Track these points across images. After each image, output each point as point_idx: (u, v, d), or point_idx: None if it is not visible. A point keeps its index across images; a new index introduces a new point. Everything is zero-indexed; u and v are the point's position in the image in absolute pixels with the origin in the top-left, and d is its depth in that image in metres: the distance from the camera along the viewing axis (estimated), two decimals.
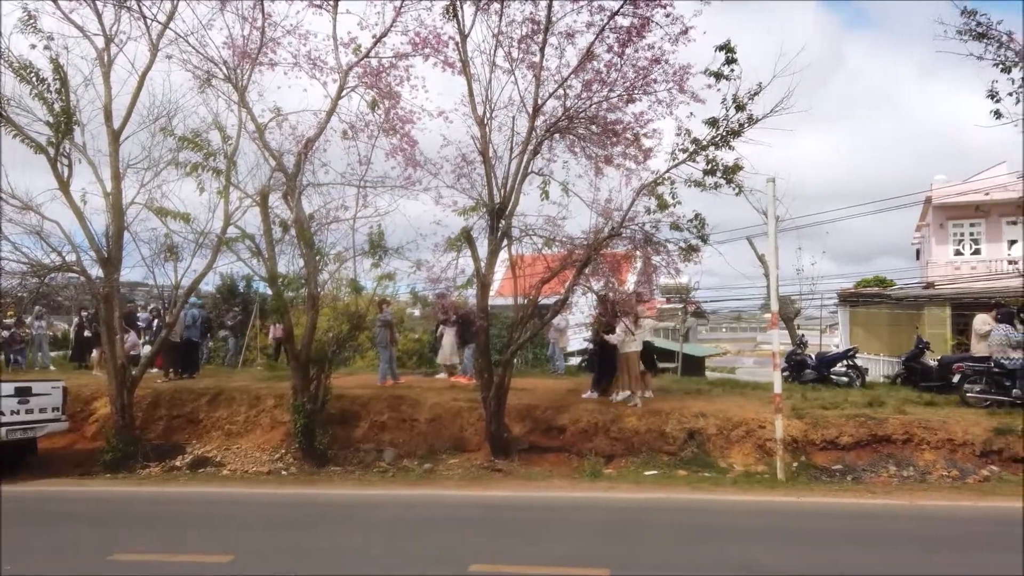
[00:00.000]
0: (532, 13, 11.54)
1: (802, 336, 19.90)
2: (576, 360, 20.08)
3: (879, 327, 26.24)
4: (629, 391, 13.17)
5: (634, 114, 11.91)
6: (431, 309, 16.80)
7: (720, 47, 11.13)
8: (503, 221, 12.06)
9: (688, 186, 11.96)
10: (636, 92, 11.69)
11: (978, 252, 28.69)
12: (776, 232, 11.53)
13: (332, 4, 12.25)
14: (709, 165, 11.83)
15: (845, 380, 15.87)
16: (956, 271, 27.59)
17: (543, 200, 12.44)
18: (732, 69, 11.17)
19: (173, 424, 13.94)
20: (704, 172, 11.89)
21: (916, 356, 15.82)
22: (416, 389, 14.52)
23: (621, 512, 9.30)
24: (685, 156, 11.86)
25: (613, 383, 13.58)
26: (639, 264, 13.39)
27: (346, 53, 12.43)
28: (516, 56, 11.79)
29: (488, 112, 11.94)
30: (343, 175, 12.92)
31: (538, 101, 11.80)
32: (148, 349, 16.05)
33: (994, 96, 10.44)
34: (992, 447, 10.96)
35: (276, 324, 18.77)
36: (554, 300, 13.06)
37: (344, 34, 12.37)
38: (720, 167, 11.81)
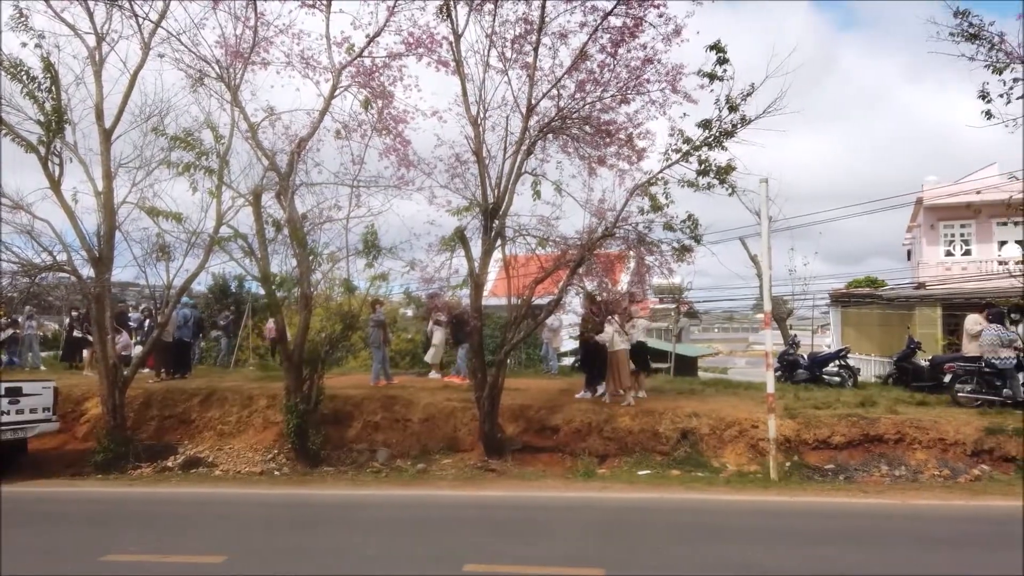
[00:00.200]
0: (525, 13, 11.54)
1: (794, 336, 19.95)
2: (569, 360, 20.09)
3: (870, 327, 26.36)
4: (613, 387, 13.23)
5: (627, 114, 11.97)
6: (423, 309, 16.83)
7: (711, 47, 11.15)
8: (497, 221, 12.05)
9: (681, 186, 12.00)
10: (629, 92, 11.72)
11: (968, 253, 28.84)
12: (769, 232, 11.56)
13: (325, 3, 12.23)
14: (702, 166, 11.85)
15: (837, 380, 15.94)
16: (947, 272, 27.73)
17: (535, 200, 12.47)
18: (724, 70, 11.20)
19: (165, 424, 13.88)
20: (697, 173, 11.91)
21: (908, 356, 15.92)
22: (409, 389, 14.50)
23: (615, 512, 9.30)
24: (678, 156, 11.89)
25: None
26: (632, 264, 13.41)
27: (339, 52, 12.45)
28: (510, 56, 11.80)
29: (482, 112, 11.94)
30: (336, 175, 12.94)
31: (532, 101, 11.80)
32: (139, 349, 15.97)
33: (986, 97, 10.49)
34: (983, 446, 11.03)
35: (272, 323, 18.73)
36: (548, 300, 13.08)
37: (337, 33, 12.46)
38: (713, 168, 11.83)
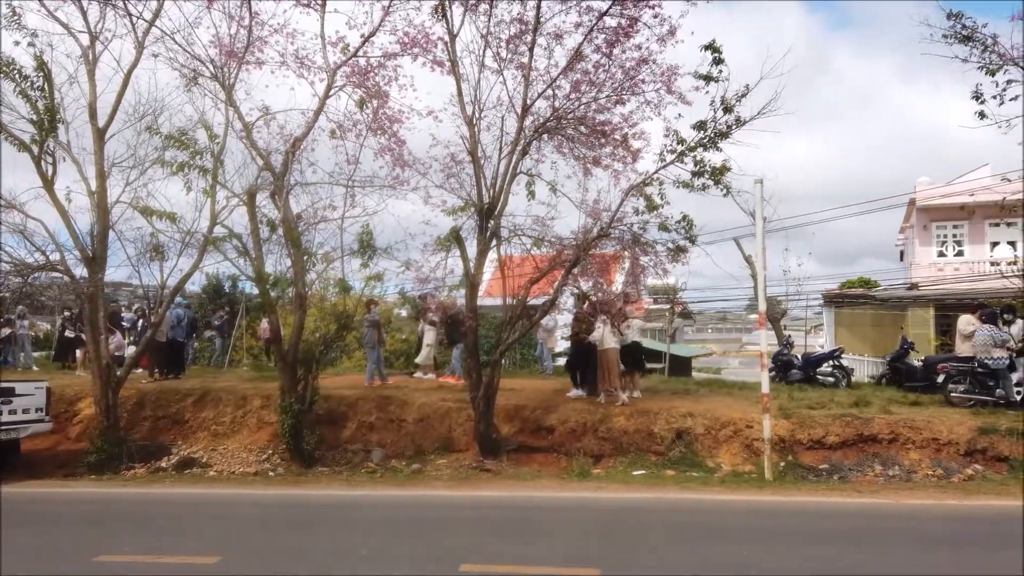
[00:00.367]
0: (520, 13, 11.54)
1: (788, 336, 20.03)
2: (564, 360, 20.07)
3: (863, 328, 26.46)
4: (605, 386, 13.24)
5: (622, 115, 11.97)
6: (414, 309, 16.83)
7: (706, 46, 11.17)
8: (492, 221, 12.05)
9: (677, 187, 12.02)
10: (624, 93, 11.73)
11: (961, 254, 28.96)
12: (764, 233, 11.58)
13: (320, 3, 12.20)
14: (697, 166, 11.87)
15: (831, 380, 15.98)
16: (940, 272, 27.84)
17: (529, 200, 12.47)
18: (720, 70, 11.22)
19: (158, 425, 13.83)
20: (692, 174, 11.93)
21: (901, 356, 15.98)
22: (404, 389, 14.49)
23: (611, 512, 9.31)
24: (673, 157, 11.91)
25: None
26: (627, 264, 13.43)
27: (334, 52, 12.41)
28: (505, 56, 11.80)
29: (477, 112, 11.94)
30: (331, 174, 12.89)
31: (527, 101, 11.80)
32: (133, 350, 15.91)
33: (979, 98, 10.55)
34: (976, 446, 11.07)
35: (266, 323, 18.69)
36: (543, 300, 13.08)
37: (332, 33, 12.36)
38: (708, 168, 11.85)
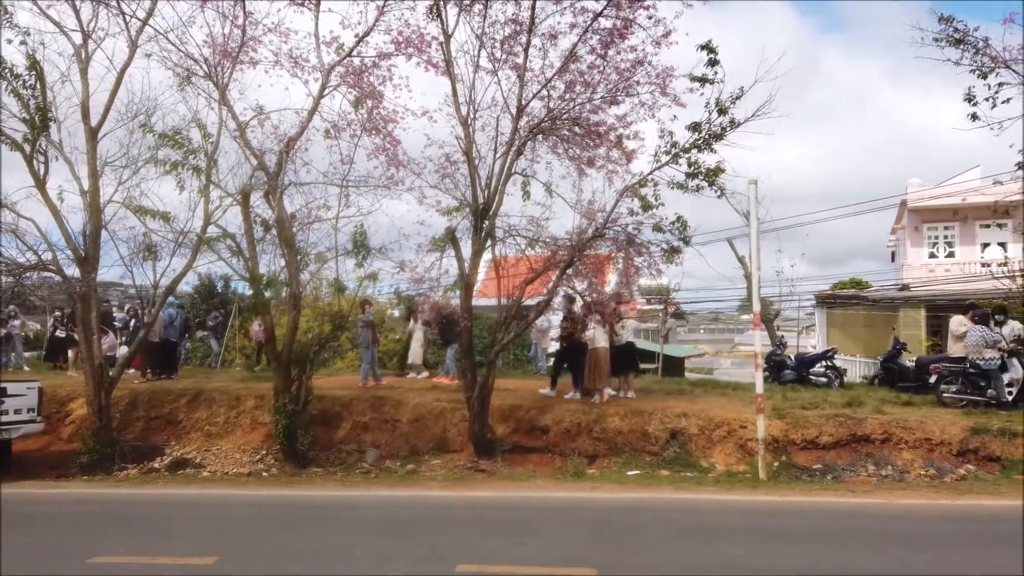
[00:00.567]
0: (515, 14, 11.54)
1: (782, 337, 20.09)
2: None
3: (855, 328, 26.59)
4: (590, 384, 13.28)
5: (617, 116, 11.99)
6: (404, 309, 16.82)
7: (702, 47, 11.19)
8: (487, 221, 12.05)
9: (671, 188, 12.03)
10: (619, 94, 11.75)
11: (952, 255, 29.14)
12: (758, 233, 11.62)
13: (314, 3, 12.17)
14: (692, 168, 11.89)
15: (824, 380, 16.06)
16: (931, 273, 28.00)
17: (525, 200, 12.48)
18: (715, 71, 11.25)
19: (151, 425, 13.78)
20: (687, 175, 11.95)
21: (893, 357, 16.06)
22: (398, 390, 14.48)
23: (606, 512, 9.32)
24: (668, 159, 11.93)
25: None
26: (620, 264, 13.44)
27: (328, 52, 12.41)
28: (499, 57, 11.80)
29: (472, 112, 11.94)
30: (325, 174, 12.91)
31: (521, 102, 11.81)
32: (125, 350, 15.84)
33: (972, 100, 10.62)
34: (968, 446, 11.14)
35: (258, 325, 18.65)
36: (537, 301, 13.09)
37: (326, 33, 12.37)
38: (702, 170, 11.88)
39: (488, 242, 12.31)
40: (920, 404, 12.99)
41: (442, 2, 11.64)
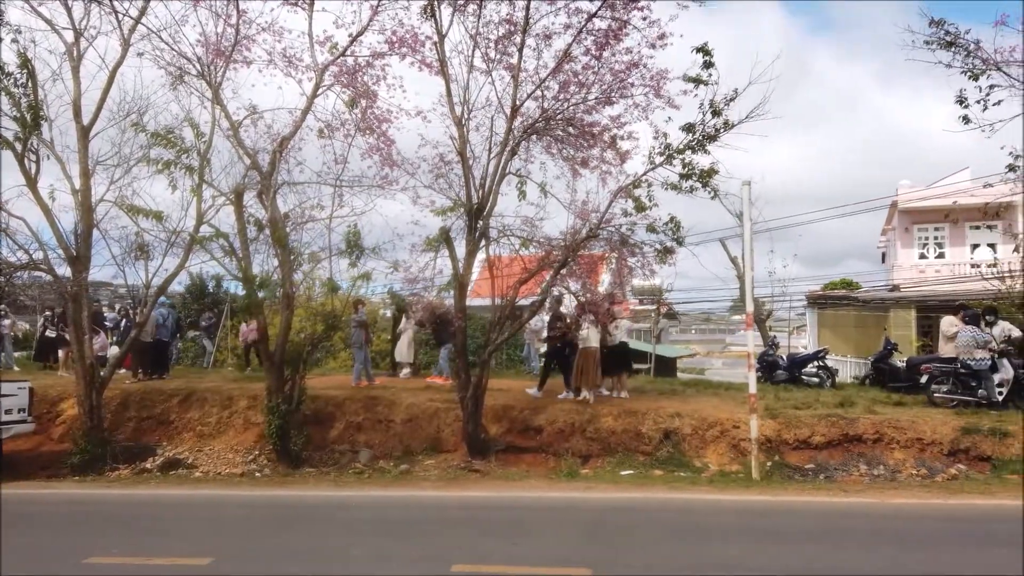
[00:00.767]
0: (509, 14, 11.55)
1: (774, 337, 20.19)
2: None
3: (846, 329, 26.72)
4: (577, 383, 13.34)
5: (611, 117, 12.01)
6: (397, 308, 16.78)
7: (698, 49, 11.23)
8: (481, 222, 12.06)
9: (665, 189, 12.07)
10: (613, 94, 11.76)
11: (942, 256, 29.33)
12: (751, 234, 11.67)
13: (307, 2, 12.15)
14: (685, 169, 11.93)
15: (816, 381, 16.15)
16: (921, 274, 28.17)
17: (520, 200, 12.50)
18: (710, 73, 11.29)
19: (143, 425, 13.72)
20: (681, 176, 11.99)
21: (884, 357, 16.16)
22: (391, 390, 14.46)
23: (600, 512, 9.34)
24: (662, 160, 11.97)
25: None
26: (613, 264, 13.47)
27: (322, 51, 12.36)
28: (494, 57, 11.80)
29: (466, 112, 11.94)
30: (319, 174, 12.86)
31: (516, 102, 11.81)
32: (116, 350, 15.76)
33: (963, 102, 10.69)
34: (959, 446, 11.22)
35: (246, 324, 18.59)
36: (531, 301, 13.10)
37: (320, 32, 12.32)
38: (696, 171, 11.92)
39: (482, 242, 12.32)
40: (911, 404, 13.07)
41: (436, 2, 11.62)
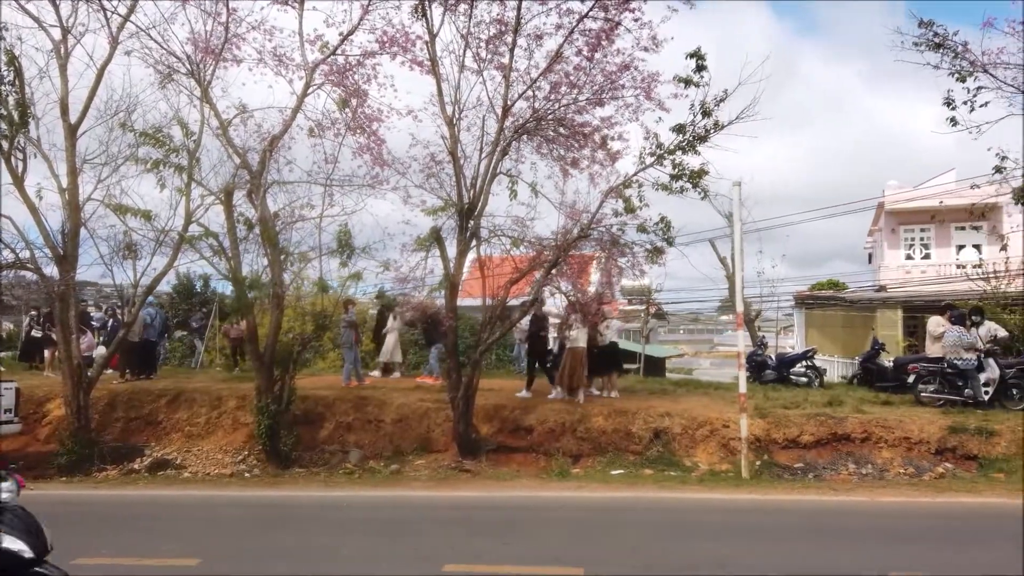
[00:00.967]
0: (500, 14, 11.55)
1: (763, 337, 20.28)
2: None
3: (834, 329, 26.84)
4: (561, 382, 13.37)
5: (602, 118, 12.02)
6: (385, 307, 16.71)
7: (691, 54, 11.27)
8: (472, 221, 12.04)
9: (655, 189, 12.10)
10: (604, 95, 11.78)
11: (928, 256, 29.57)
12: (741, 234, 11.72)
13: (298, 0, 12.11)
14: (676, 169, 11.96)
15: (804, 380, 16.24)
16: (907, 275, 28.38)
17: (512, 200, 12.49)
18: (701, 76, 11.32)
19: (131, 426, 13.63)
20: (671, 176, 12.01)
21: (872, 357, 16.27)
22: (382, 390, 14.42)
23: (592, 511, 9.36)
24: (652, 160, 11.99)
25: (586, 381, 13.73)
26: (603, 264, 13.50)
27: (312, 50, 12.34)
28: (485, 57, 11.80)
29: (457, 112, 11.93)
30: (309, 173, 12.83)
31: (507, 102, 11.81)
32: (103, 350, 15.63)
33: (951, 104, 10.78)
34: (946, 445, 11.32)
35: (234, 324, 18.50)
36: (521, 301, 13.10)
37: (310, 31, 12.31)
38: (687, 171, 11.95)
39: (473, 242, 12.30)
40: (899, 404, 13.17)
41: (427, 1, 11.61)
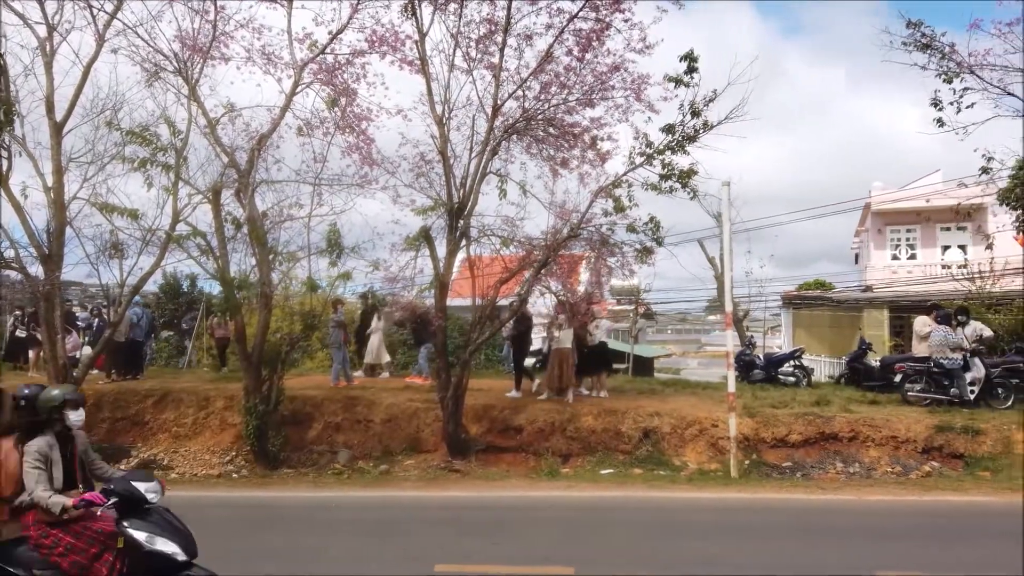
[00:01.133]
0: (490, 14, 11.53)
1: (751, 337, 20.36)
2: (530, 361, 20.06)
3: (821, 329, 26.98)
4: (547, 382, 13.39)
5: (591, 118, 12.02)
6: (369, 307, 16.64)
7: (684, 56, 11.29)
8: (462, 221, 12.02)
9: (645, 189, 12.11)
10: (594, 95, 11.78)
11: (914, 257, 29.78)
12: (730, 235, 11.77)
13: None
14: (665, 169, 11.99)
15: (792, 380, 16.31)
16: (893, 275, 28.57)
17: (501, 199, 12.48)
18: (692, 77, 11.34)
19: (117, 427, 13.49)
20: (660, 176, 12.04)
21: (859, 357, 16.36)
22: (371, 390, 14.36)
23: (582, 510, 9.38)
24: (642, 160, 12.01)
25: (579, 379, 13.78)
26: (592, 264, 13.51)
27: (301, 49, 12.27)
28: (475, 56, 11.78)
29: (447, 111, 11.89)
30: (298, 172, 12.73)
31: (497, 101, 11.79)
32: (88, 350, 15.49)
33: (938, 105, 10.86)
34: (933, 444, 11.41)
35: (219, 324, 18.35)
36: (511, 301, 13.09)
37: (299, 29, 12.23)
38: (676, 171, 11.98)
39: (463, 241, 12.28)
40: (886, 403, 13.25)
41: (417, 1, 11.58)
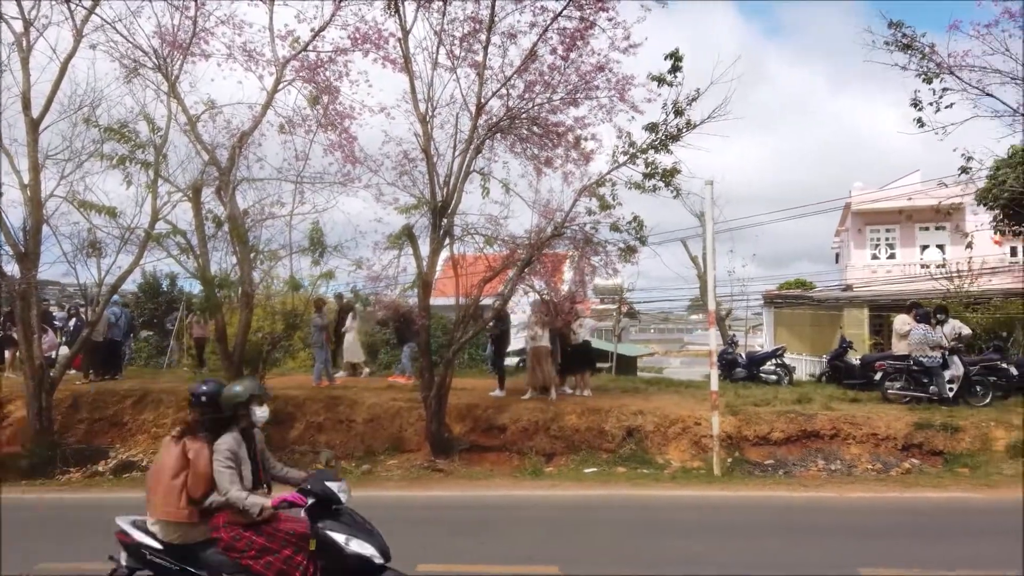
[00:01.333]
0: (474, 12, 11.49)
1: (733, 336, 20.48)
2: (514, 360, 20.07)
3: (802, 327, 27.22)
4: (529, 380, 13.41)
5: (575, 118, 12.02)
6: (346, 306, 16.54)
7: (669, 55, 11.31)
8: (445, 219, 11.97)
9: (628, 188, 12.14)
10: (579, 95, 11.78)
11: (893, 256, 30.10)
12: (713, 234, 11.80)
13: None
14: (649, 168, 12.01)
15: (774, 378, 16.42)
16: (873, 274, 28.87)
17: (484, 197, 12.45)
18: (675, 76, 11.37)
19: (95, 427, 13.33)
20: (644, 175, 12.06)
21: (840, 355, 16.50)
22: (353, 390, 14.27)
23: (565, 509, 9.37)
24: (625, 159, 12.02)
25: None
26: (576, 263, 13.50)
27: (283, 46, 12.21)
28: (458, 54, 11.73)
29: (430, 110, 11.84)
30: (279, 170, 12.70)
31: (481, 100, 11.75)
32: (65, 350, 15.29)
33: (918, 105, 10.96)
34: (913, 441, 11.50)
35: (198, 323, 18.19)
36: (494, 300, 13.06)
37: (281, 26, 12.16)
38: (659, 170, 12.01)
39: (446, 240, 12.23)
40: (866, 400, 13.35)
41: None
